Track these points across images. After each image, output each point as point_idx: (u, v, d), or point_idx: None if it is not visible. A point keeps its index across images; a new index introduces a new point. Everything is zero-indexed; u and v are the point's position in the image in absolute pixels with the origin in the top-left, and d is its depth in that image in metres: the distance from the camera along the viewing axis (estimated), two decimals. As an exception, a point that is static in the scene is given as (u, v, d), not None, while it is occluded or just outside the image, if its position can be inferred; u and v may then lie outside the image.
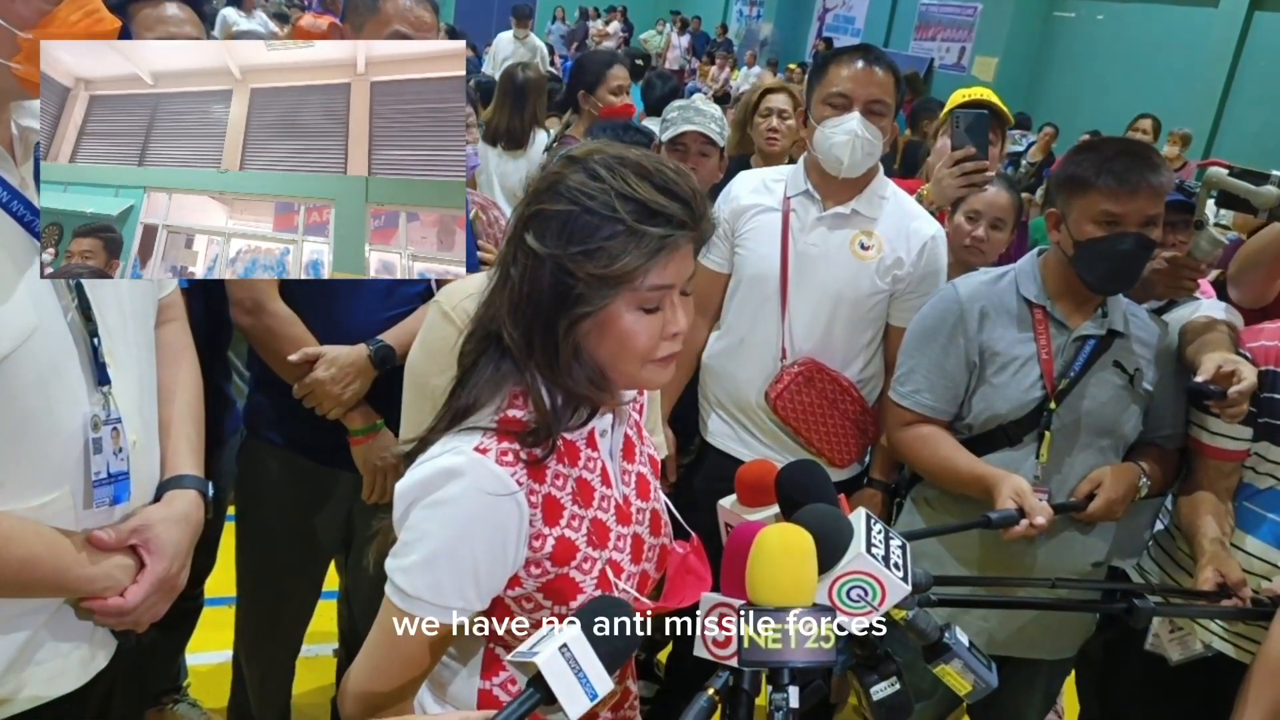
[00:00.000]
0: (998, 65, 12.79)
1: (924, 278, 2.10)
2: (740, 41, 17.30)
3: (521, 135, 3.90)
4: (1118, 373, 1.81)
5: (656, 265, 1.02)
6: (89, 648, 1.22)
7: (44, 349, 1.10)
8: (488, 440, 1.03)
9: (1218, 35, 10.54)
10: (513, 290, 1.05)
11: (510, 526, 1.04)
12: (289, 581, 2.04)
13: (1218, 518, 1.78)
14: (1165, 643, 1.80)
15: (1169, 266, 2.00)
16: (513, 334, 1.06)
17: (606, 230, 1.00)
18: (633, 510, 1.17)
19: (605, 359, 1.07)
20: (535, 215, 1.04)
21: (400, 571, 1.04)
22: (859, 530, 1.05)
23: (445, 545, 1.02)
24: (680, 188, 1.03)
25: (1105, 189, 1.70)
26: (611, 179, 1.01)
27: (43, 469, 1.12)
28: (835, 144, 2.01)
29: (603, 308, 1.03)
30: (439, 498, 1.02)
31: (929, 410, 1.88)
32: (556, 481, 1.07)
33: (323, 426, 1.82)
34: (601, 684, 0.87)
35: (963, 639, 1.12)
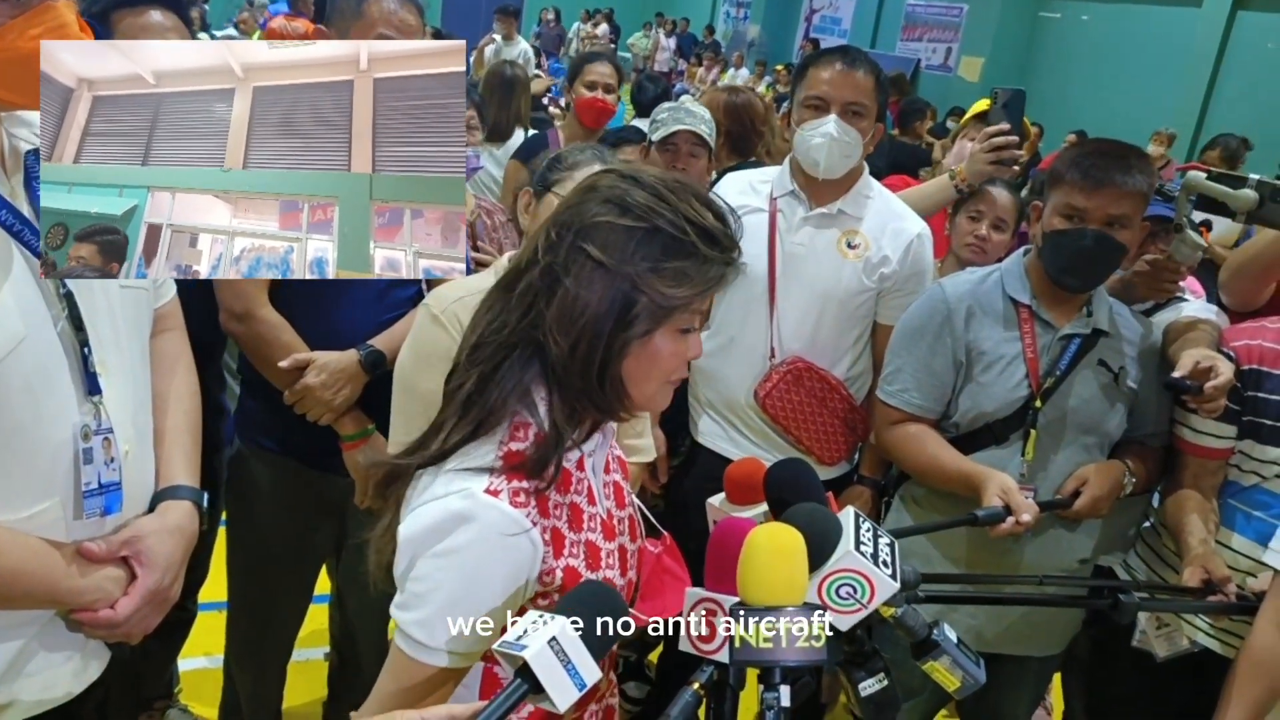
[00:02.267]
0: (984, 65, 12.86)
1: (910, 276, 2.11)
2: (728, 43, 17.33)
3: (506, 129, 3.95)
4: (1103, 371, 1.83)
5: (714, 292, 1.03)
6: (81, 658, 1.21)
7: (32, 359, 1.09)
8: (497, 481, 1.01)
9: (1201, 35, 10.63)
10: (565, 298, 1.02)
11: (525, 564, 1.03)
12: (280, 586, 2.03)
13: (1203, 515, 1.80)
14: (1152, 639, 1.81)
15: (1150, 269, 2.02)
16: (560, 343, 1.02)
17: (677, 252, 1.01)
18: (614, 522, 1.17)
19: (634, 379, 1.06)
20: (596, 226, 1.02)
21: (416, 625, 1.01)
22: (847, 528, 1.05)
23: (463, 594, 1.00)
24: (728, 216, 1.05)
25: (1072, 182, 1.73)
26: (678, 201, 1.02)
27: (32, 479, 1.11)
28: (812, 146, 2.03)
29: (654, 329, 1.02)
30: (449, 546, 0.99)
31: (916, 409, 1.90)
32: (555, 511, 1.06)
33: (314, 432, 1.82)
34: (590, 674, 0.88)
35: (951, 635, 1.12)
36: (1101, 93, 11.51)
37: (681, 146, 2.57)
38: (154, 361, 1.33)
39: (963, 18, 13.71)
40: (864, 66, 2.05)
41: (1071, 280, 1.79)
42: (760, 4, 17.57)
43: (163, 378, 1.34)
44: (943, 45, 14.21)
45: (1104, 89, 11.53)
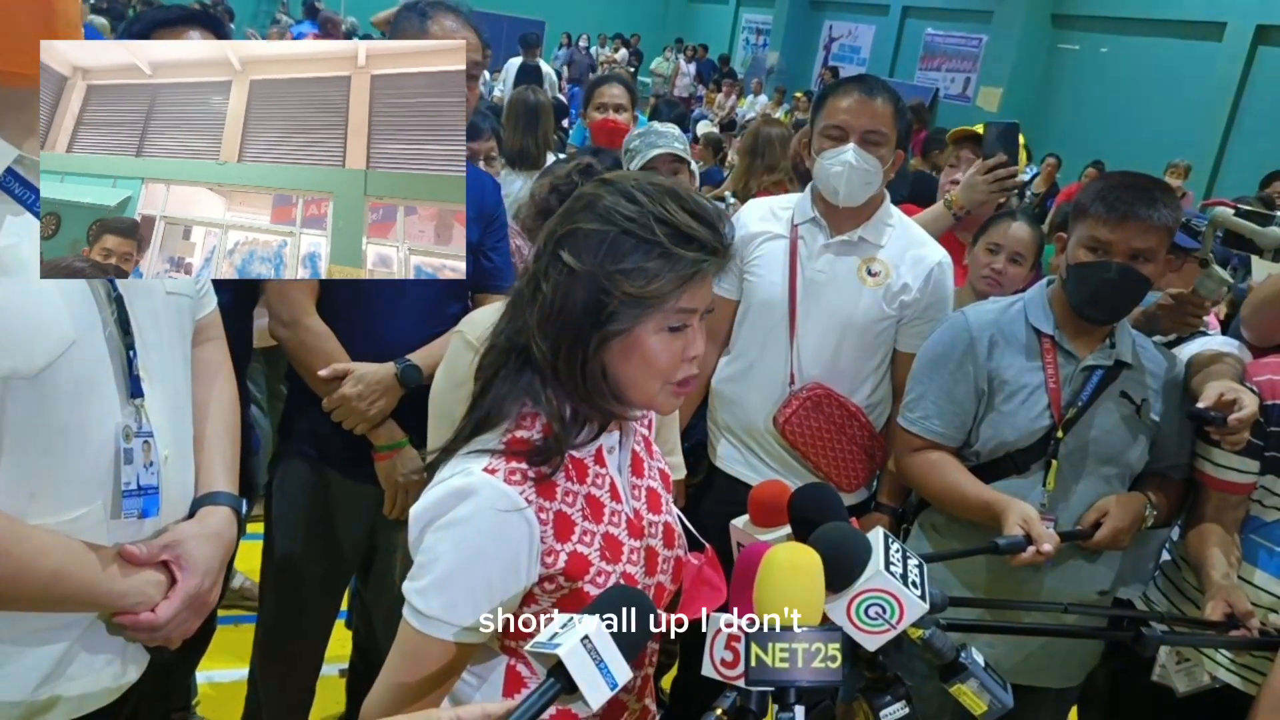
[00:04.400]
0: (1002, 96, 12.88)
1: (931, 304, 2.12)
2: (746, 69, 17.45)
3: (536, 156, 3.97)
4: (1125, 403, 1.83)
5: (689, 289, 1.05)
6: (121, 662, 1.22)
7: (80, 362, 1.11)
8: (496, 461, 1.06)
9: (1222, 69, 10.61)
10: (544, 304, 1.07)
11: (521, 542, 1.06)
12: (311, 593, 2.05)
13: (1225, 550, 1.79)
14: (1172, 674, 1.79)
15: (1174, 303, 2.02)
16: (541, 346, 1.08)
17: (644, 251, 1.03)
18: (645, 524, 1.18)
19: (626, 377, 1.09)
20: (571, 233, 1.07)
21: (416, 593, 1.05)
22: (877, 548, 1.06)
23: (459, 564, 1.04)
24: (711, 216, 1.07)
25: (1096, 215, 1.74)
26: (649, 203, 1.05)
27: (76, 482, 1.12)
28: (831, 175, 2.05)
29: (633, 327, 1.05)
30: (451, 518, 1.04)
31: (937, 436, 1.90)
32: (566, 498, 1.09)
33: (350, 440, 1.86)
34: (621, 673, 0.89)
35: (979, 659, 1.12)
36: (1120, 124, 11.50)
37: (662, 169, 2.58)
38: (195, 370, 1.35)
39: (981, 48, 13.77)
40: (882, 94, 2.07)
41: (1095, 312, 1.80)
42: (780, 31, 17.69)
43: (204, 386, 1.36)
44: (961, 75, 14.26)
45: (1122, 121, 11.53)
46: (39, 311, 1.07)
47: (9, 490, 1.08)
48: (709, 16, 20.09)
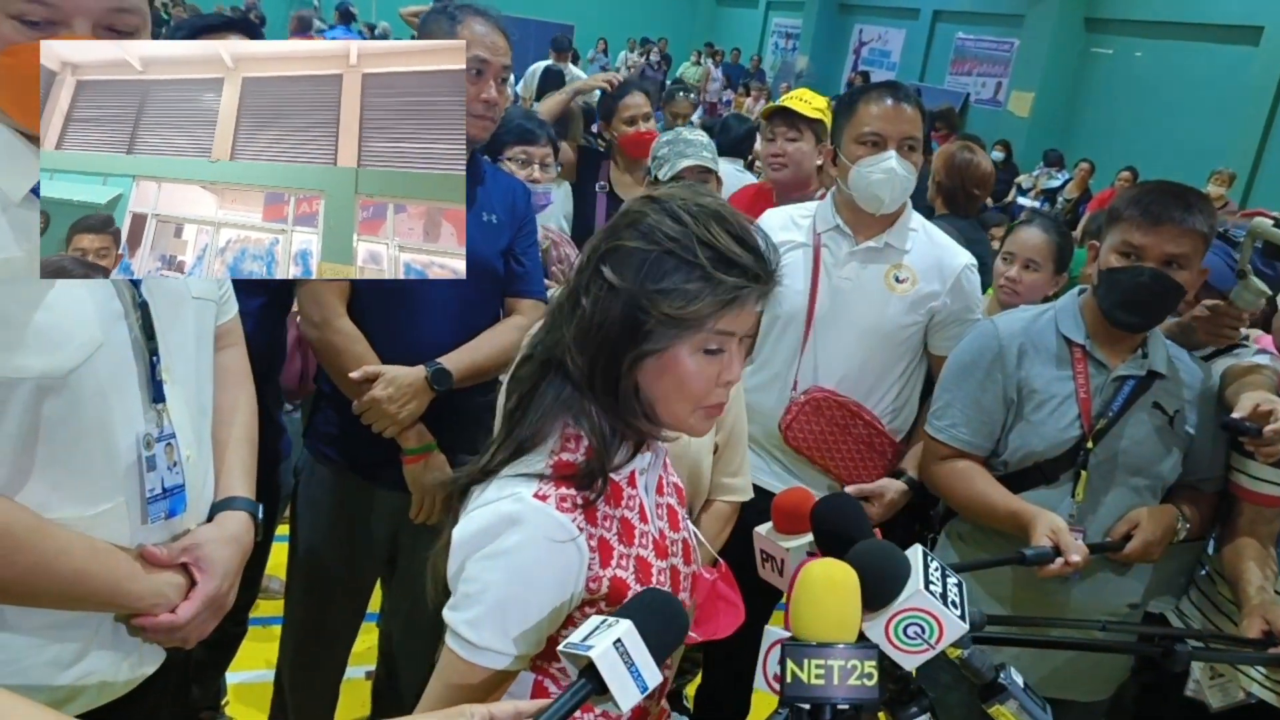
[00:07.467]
0: (1034, 100, 12.76)
1: (961, 307, 2.12)
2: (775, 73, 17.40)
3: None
4: (1157, 414, 1.80)
5: (728, 313, 1.04)
6: (139, 655, 1.24)
7: (106, 365, 1.13)
8: (546, 487, 1.04)
9: (1258, 73, 10.42)
10: (583, 318, 1.07)
11: (572, 571, 1.05)
12: (337, 595, 2.07)
13: (1260, 564, 1.76)
14: (1205, 689, 1.77)
15: (1210, 314, 1.99)
16: (577, 360, 1.07)
17: (685, 273, 1.02)
18: (667, 543, 1.18)
19: (659, 397, 1.08)
20: (614, 250, 1.06)
21: (466, 625, 1.04)
22: (916, 567, 1.04)
23: (512, 594, 1.03)
24: (756, 242, 1.06)
25: (1130, 219, 1.72)
26: (694, 224, 1.04)
27: (100, 479, 1.14)
28: (873, 182, 2.03)
29: (668, 347, 1.04)
30: (499, 547, 1.02)
31: (965, 445, 1.88)
32: (605, 523, 1.09)
33: (378, 444, 1.87)
34: (652, 676, 0.89)
35: (1018, 679, 1.10)
36: (1153, 129, 11.34)
37: (690, 179, 2.58)
38: (216, 375, 1.36)
39: (1013, 52, 13.63)
40: (911, 101, 2.08)
41: (1127, 318, 1.77)
42: (809, 35, 17.63)
43: (224, 392, 1.38)
44: (992, 79, 14.13)
45: (1156, 126, 11.36)
46: (70, 314, 1.09)
47: (32, 483, 1.10)
48: (738, 20, 20.06)
